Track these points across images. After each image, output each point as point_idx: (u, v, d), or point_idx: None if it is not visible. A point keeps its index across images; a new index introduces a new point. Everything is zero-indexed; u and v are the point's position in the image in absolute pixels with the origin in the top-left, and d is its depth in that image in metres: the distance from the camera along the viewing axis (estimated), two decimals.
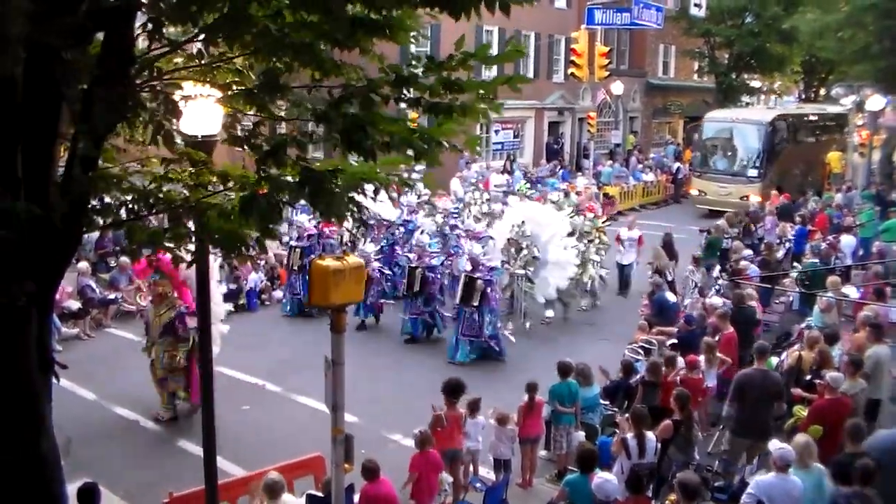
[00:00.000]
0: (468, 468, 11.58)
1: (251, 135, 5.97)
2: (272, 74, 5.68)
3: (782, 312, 18.58)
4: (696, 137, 36.07)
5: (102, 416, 13.60)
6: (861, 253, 22.77)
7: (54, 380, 5.33)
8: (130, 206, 5.92)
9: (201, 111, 6.20)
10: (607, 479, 8.71)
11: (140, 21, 5.09)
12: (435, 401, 11.17)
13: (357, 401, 9.60)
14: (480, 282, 16.45)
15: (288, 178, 5.68)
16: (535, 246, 18.22)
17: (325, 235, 20.64)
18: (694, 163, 36.33)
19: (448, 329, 17.84)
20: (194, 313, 13.33)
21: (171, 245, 6.21)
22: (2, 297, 4.60)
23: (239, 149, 6.12)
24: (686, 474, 8.84)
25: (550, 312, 19.22)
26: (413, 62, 5.35)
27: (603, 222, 21.65)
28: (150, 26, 5.00)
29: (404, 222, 21.28)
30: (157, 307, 13.66)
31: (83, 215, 5.28)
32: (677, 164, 39.64)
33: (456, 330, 16.86)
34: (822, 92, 53.25)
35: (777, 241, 23.19)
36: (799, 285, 18.64)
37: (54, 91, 4.70)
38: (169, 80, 5.75)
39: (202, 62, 5.80)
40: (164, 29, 5.14)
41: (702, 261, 20.19)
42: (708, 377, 12.86)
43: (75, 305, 17.81)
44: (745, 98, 50.68)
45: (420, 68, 5.33)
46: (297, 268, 19.42)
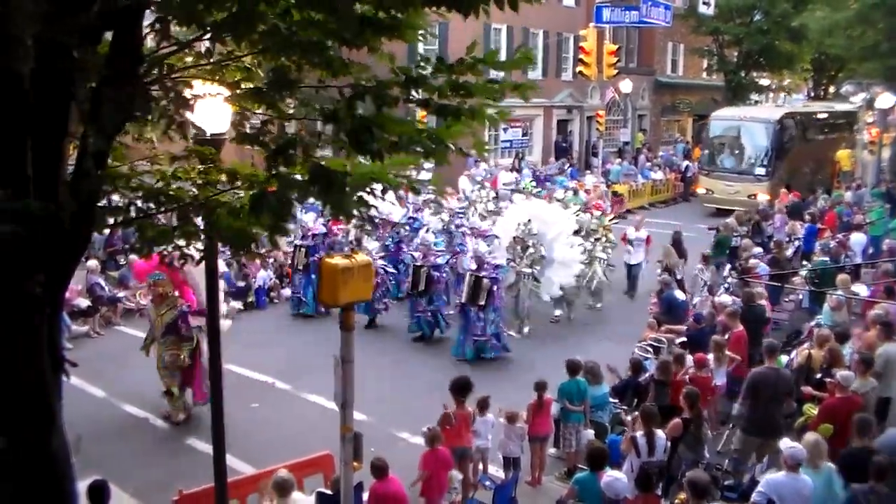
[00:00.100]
0: (477, 466, 11.58)
1: (260, 133, 5.98)
2: (281, 72, 5.69)
3: (792, 311, 18.54)
4: (705, 135, 35.94)
5: (112, 414, 13.64)
6: (871, 251, 22.66)
7: (64, 378, 5.34)
8: (140, 205, 5.94)
9: (210, 110, 6.21)
10: (617, 478, 8.70)
11: (148, 20, 5.10)
12: (443, 399, 11.18)
13: (366, 399, 9.58)
14: (487, 280, 16.40)
15: (297, 176, 5.68)
16: (541, 244, 18.15)
17: (332, 233, 20.67)
18: (701, 161, 36.21)
19: (451, 327, 17.83)
20: (197, 312, 13.36)
21: (181, 243, 6.22)
22: (15, 292, 4.61)
23: (248, 147, 6.13)
24: (696, 473, 8.82)
25: (559, 311, 19.19)
26: (422, 63, 5.34)
27: (610, 220, 21.57)
28: (158, 26, 5.01)
29: (410, 219, 21.26)
30: (158, 307, 13.56)
31: (92, 214, 5.29)
32: (686, 163, 39.57)
33: (462, 328, 16.80)
34: (832, 90, 53.11)
35: (786, 240, 23.11)
36: (809, 283, 18.59)
37: (64, 90, 4.70)
38: (178, 78, 5.76)
39: (211, 61, 5.80)
40: (172, 28, 5.15)
41: (711, 259, 20.17)
42: (717, 375, 12.83)
43: (85, 303, 17.87)
44: (755, 96, 50.50)
45: (429, 69, 5.32)
46: (303, 267, 19.45)
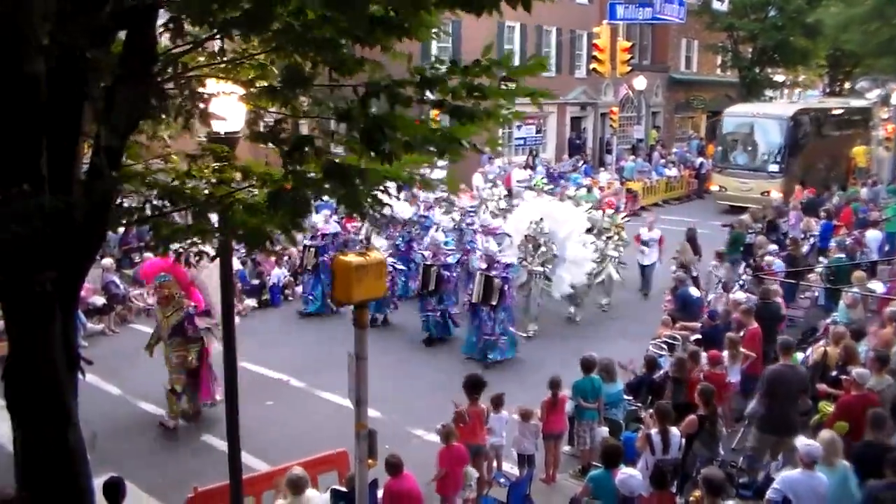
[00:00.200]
0: (492, 463, 11.58)
1: (274, 131, 5.99)
2: (294, 70, 5.70)
3: (807, 308, 18.45)
4: (718, 132, 35.76)
5: (127, 412, 13.69)
6: (887, 248, 22.56)
7: (80, 375, 5.37)
8: (154, 203, 5.96)
9: (224, 108, 6.22)
10: (631, 475, 8.69)
11: (162, 20, 5.12)
12: (455, 397, 11.19)
13: (380, 396, 9.59)
14: (498, 280, 16.32)
15: (312, 174, 5.69)
16: (553, 243, 18.01)
17: (346, 231, 20.68)
18: (714, 158, 36.05)
19: (459, 327, 17.81)
20: (203, 313, 13.34)
21: (196, 241, 6.24)
22: (26, 287, 4.64)
23: (261, 145, 6.14)
24: (710, 470, 8.80)
25: (573, 309, 19.10)
26: (437, 64, 5.34)
27: (623, 218, 21.45)
28: (172, 25, 5.03)
29: (420, 217, 21.20)
30: (164, 308, 13.45)
31: (107, 213, 5.31)
32: (700, 159, 39.41)
33: (473, 327, 16.71)
34: (847, 86, 52.77)
35: (801, 236, 23.00)
36: (824, 280, 18.50)
37: (78, 90, 4.72)
38: (192, 76, 5.78)
39: (224, 59, 5.82)
40: (186, 27, 5.16)
41: (725, 256, 20.11)
42: (731, 373, 12.79)
43: (100, 301, 17.94)
44: (769, 92, 50.25)
45: (443, 70, 5.32)
46: (311, 267, 19.44)
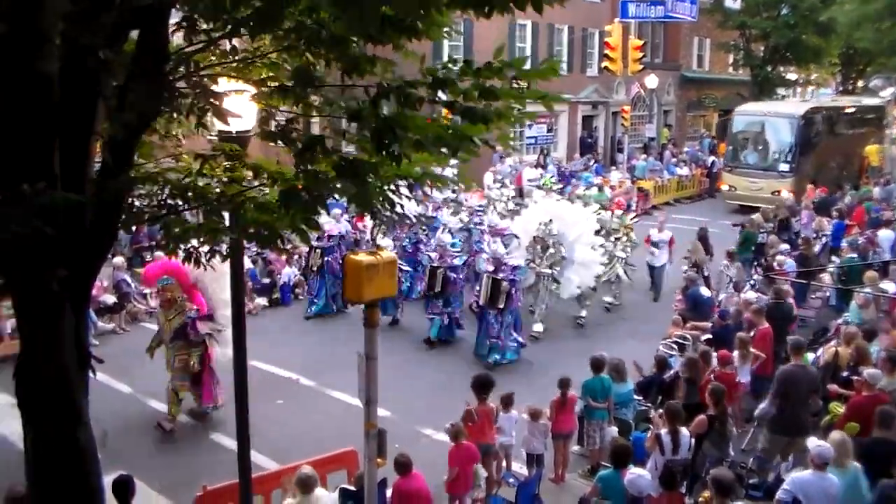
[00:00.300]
0: (501, 463, 11.58)
1: (285, 130, 5.99)
2: (305, 70, 5.70)
3: (819, 308, 18.39)
4: (728, 131, 35.59)
5: (138, 410, 13.73)
6: None
7: (91, 374, 5.38)
8: (166, 202, 5.97)
9: (236, 107, 6.22)
10: (640, 475, 8.68)
11: (174, 18, 5.13)
12: (464, 396, 11.21)
13: (389, 396, 9.59)
14: (506, 283, 16.23)
15: (324, 173, 5.69)
16: (562, 245, 17.91)
17: (357, 230, 20.66)
18: (725, 157, 35.91)
19: (464, 329, 17.75)
20: (205, 317, 13.31)
21: (206, 239, 6.24)
22: (37, 285, 4.65)
23: (272, 144, 6.15)
24: (720, 470, 8.78)
25: (584, 312, 19.00)
26: (449, 64, 5.33)
27: (631, 219, 21.35)
28: (185, 24, 5.03)
29: (427, 218, 21.08)
30: (167, 311, 13.37)
31: (119, 212, 5.33)
32: (712, 158, 39.28)
33: (482, 331, 16.62)
34: (860, 84, 52.56)
35: (814, 236, 22.91)
36: (836, 280, 18.43)
37: (90, 88, 4.73)
38: (203, 75, 5.78)
39: (236, 58, 5.82)
40: (199, 25, 5.17)
41: (736, 255, 20.05)
42: (741, 373, 12.75)
43: (111, 300, 17.99)
44: (781, 91, 50.11)
45: (455, 72, 5.31)
46: (317, 268, 19.41)
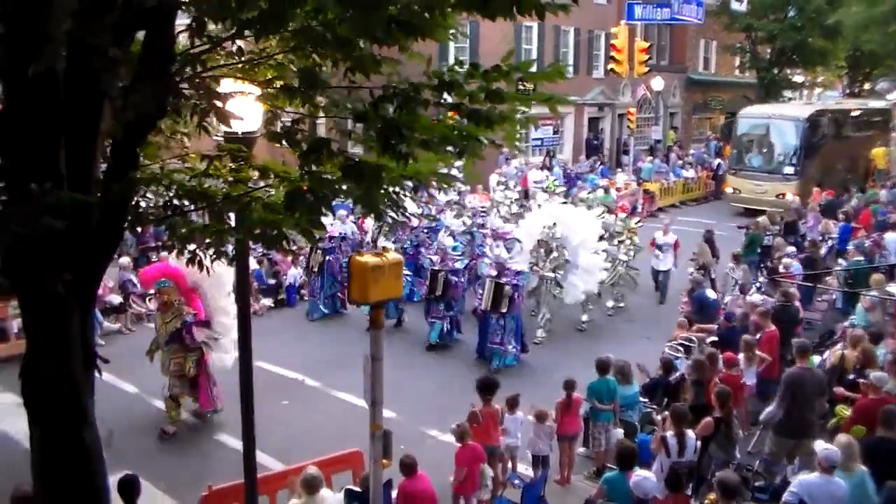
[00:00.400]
0: (506, 464, 11.57)
1: (291, 132, 5.99)
2: (310, 71, 5.70)
3: (825, 311, 18.35)
4: (733, 133, 35.48)
5: (143, 410, 13.74)
6: None
7: (96, 374, 5.39)
8: (171, 202, 5.97)
9: (242, 108, 6.23)
10: (646, 477, 8.65)
11: (181, 19, 5.13)
12: (469, 398, 11.23)
13: (393, 397, 9.59)
14: (509, 287, 16.16)
15: (329, 175, 5.69)
16: (565, 248, 17.82)
17: (362, 231, 20.66)
18: (729, 160, 35.81)
19: (462, 334, 17.68)
20: (202, 323, 13.28)
21: (212, 240, 6.24)
22: (40, 287, 4.65)
23: (278, 145, 6.15)
24: (725, 473, 8.77)
25: (586, 317, 18.90)
26: (455, 67, 5.33)
27: (635, 223, 21.26)
28: (194, 25, 5.04)
29: (431, 217, 21.11)
30: (164, 314, 13.32)
31: (125, 212, 5.33)
32: (718, 160, 39.23)
33: (484, 335, 16.53)
34: (867, 86, 52.46)
35: (820, 239, 22.86)
36: (842, 283, 18.39)
37: (96, 88, 4.73)
38: (209, 76, 5.79)
39: (242, 59, 5.83)
40: (207, 27, 5.17)
41: (742, 258, 20.01)
42: (747, 375, 12.73)
43: (117, 300, 18.02)
44: (788, 93, 50.01)
45: (461, 75, 5.31)
46: (317, 269, 19.41)
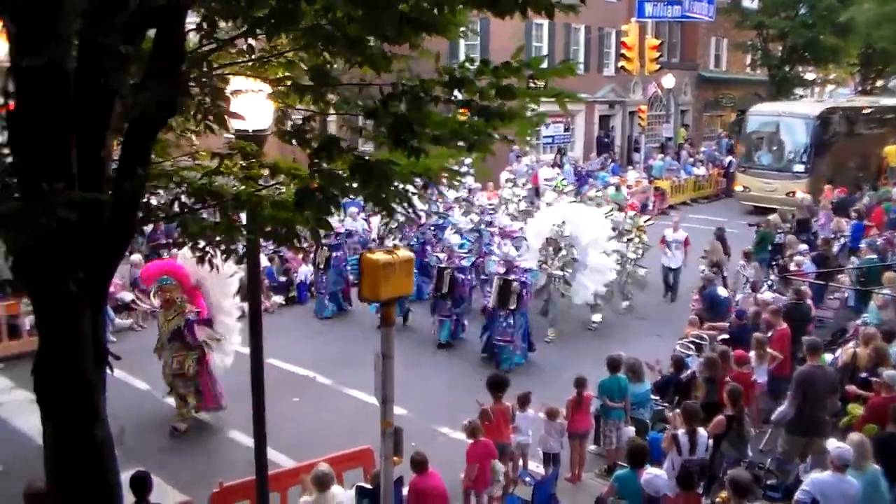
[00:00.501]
0: (517, 462, 11.57)
1: (301, 130, 6.00)
2: (320, 69, 5.71)
3: (837, 309, 18.27)
4: (742, 131, 35.34)
5: (155, 407, 13.77)
6: None
7: (108, 370, 5.40)
8: (183, 200, 5.98)
9: (252, 106, 6.24)
10: (657, 475, 8.65)
11: (192, 17, 5.14)
12: (479, 395, 11.25)
13: (404, 395, 9.59)
14: (516, 283, 16.13)
15: (340, 172, 5.70)
16: (575, 247, 17.73)
17: (369, 229, 20.67)
18: (738, 158, 35.68)
19: (466, 332, 17.65)
20: (204, 322, 13.27)
21: (223, 238, 6.26)
22: (52, 285, 4.67)
23: (289, 143, 6.16)
24: (737, 471, 8.75)
25: (597, 317, 18.86)
26: (466, 63, 5.33)
27: (645, 221, 21.17)
28: (205, 25, 5.05)
29: (440, 214, 21.10)
30: (166, 312, 13.30)
31: (135, 210, 5.35)
32: (729, 158, 39.13)
33: (491, 334, 16.46)
34: (880, 84, 52.21)
35: (832, 237, 22.77)
36: (854, 281, 18.32)
37: (107, 86, 4.75)
38: (219, 75, 5.80)
39: (252, 57, 5.84)
40: (217, 26, 5.19)
41: (753, 256, 19.96)
42: (758, 373, 12.70)
43: (128, 297, 18.06)
44: (799, 91, 49.82)
45: (472, 71, 5.31)
46: (323, 266, 19.41)
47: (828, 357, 12.89)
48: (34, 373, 5.04)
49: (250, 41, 5.67)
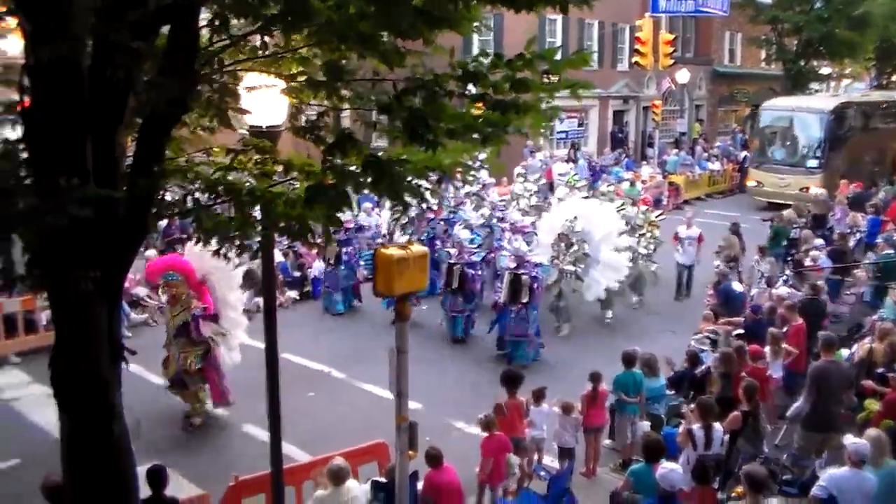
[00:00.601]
0: (532, 456, 11.57)
1: (315, 126, 6.01)
2: (335, 64, 5.72)
3: (853, 304, 18.17)
4: (755, 126, 35.11)
5: (170, 401, 13.78)
6: None
7: (124, 365, 5.43)
8: (197, 196, 6.00)
9: (266, 101, 6.25)
10: (672, 469, 8.61)
11: (205, 14, 5.16)
12: (493, 390, 11.28)
13: (418, 389, 9.60)
14: (526, 277, 16.05)
15: (353, 168, 5.70)
16: (587, 242, 17.61)
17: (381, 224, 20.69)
18: (751, 153, 35.47)
19: (479, 326, 17.61)
20: (211, 317, 13.28)
21: (237, 233, 6.27)
22: (68, 283, 4.69)
23: (302, 139, 6.17)
24: (752, 466, 8.71)
25: (611, 313, 18.81)
26: (480, 57, 5.33)
27: (657, 216, 21.05)
28: (217, 22, 5.06)
29: (450, 213, 21.06)
30: (172, 308, 13.32)
31: (150, 206, 5.37)
32: (744, 153, 38.96)
33: (503, 329, 16.45)
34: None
35: (848, 231, 22.63)
36: (871, 277, 18.23)
37: (121, 83, 4.77)
38: (232, 71, 5.82)
39: (266, 54, 5.85)
40: (230, 22, 5.20)
41: (767, 251, 19.87)
42: (773, 368, 12.65)
43: (143, 292, 18.10)
44: (815, 85, 49.49)
45: (486, 65, 5.31)
46: (333, 261, 19.38)
47: (844, 352, 12.83)
48: (51, 368, 5.07)
49: (265, 37, 5.69)
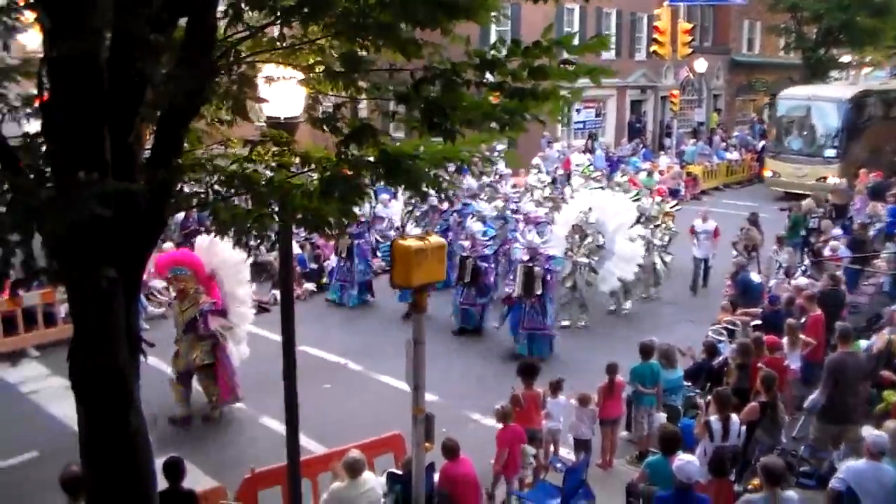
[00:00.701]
0: (548, 448, 11.57)
1: (332, 117, 6.00)
2: (352, 55, 5.71)
3: (872, 294, 18.06)
4: (772, 115, 34.84)
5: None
6: None
7: (142, 358, 5.45)
8: (215, 188, 6.01)
9: (284, 93, 6.24)
10: (689, 461, 8.58)
11: (222, 7, 5.16)
12: (509, 382, 11.30)
13: (435, 381, 9.61)
14: (539, 269, 15.93)
15: (369, 159, 5.70)
16: (601, 234, 17.58)
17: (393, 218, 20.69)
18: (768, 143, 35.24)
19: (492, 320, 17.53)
20: (219, 312, 13.26)
21: (254, 225, 6.28)
22: (86, 276, 4.70)
23: (320, 131, 6.17)
24: (770, 458, 8.67)
25: (628, 304, 18.75)
26: (497, 45, 5.31)
27: (672, 206, 20.92)
28: (231, 12, 5.06)
29: (463, 205, 20.98)
30: (181, 303, 13.29)
31: (168, 198, 5.37)
32: (762, 143, 38.76)
33: (513, 319, 16.37)
34: None
35: (868, 221, 22.46)
36: (891, 267, 18.11)
37: (139, 76, 4.77)
38: (250, 62, 5.81)
39: (283, 45, 5.84)
40: (245, 14, 5.19)
41: (785, 241, 19.78)
42: (791, 359, 12.59)
43: (161, 285, 18.13)
44: (835, 74, 49.05)
45: (504, 52, 5.29)
46: (345, 254, 19.36)
47: (862, 343, 12.75)
48: (69, 360, 5.09)
49: (282, 29, 5.68)
